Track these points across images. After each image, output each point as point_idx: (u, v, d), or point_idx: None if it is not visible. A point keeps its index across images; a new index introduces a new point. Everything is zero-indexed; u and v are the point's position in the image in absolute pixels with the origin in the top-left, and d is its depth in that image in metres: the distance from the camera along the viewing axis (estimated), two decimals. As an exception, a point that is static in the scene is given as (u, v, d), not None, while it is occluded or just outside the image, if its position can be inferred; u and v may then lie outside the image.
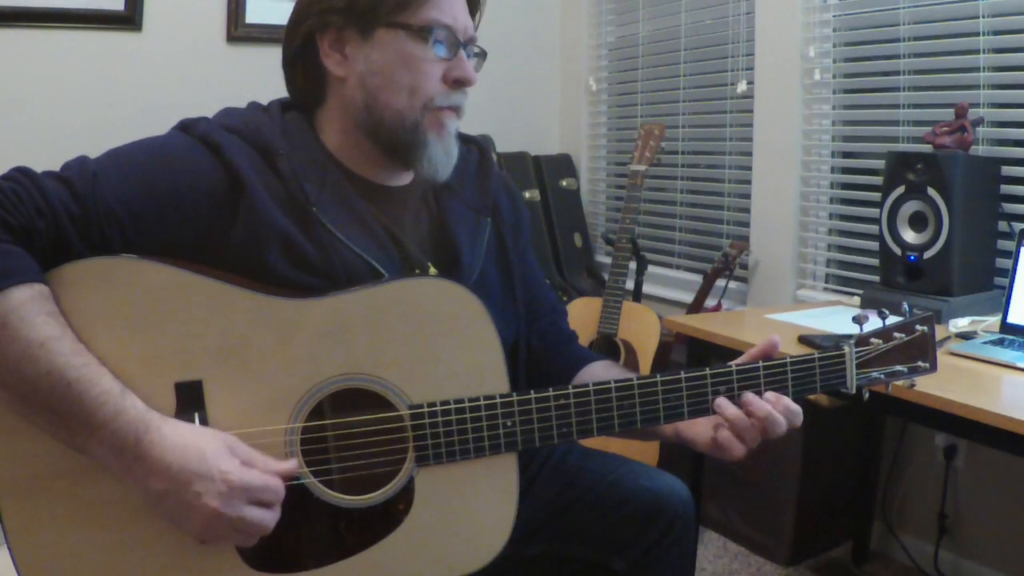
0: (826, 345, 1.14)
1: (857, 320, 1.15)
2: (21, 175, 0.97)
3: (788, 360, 1.12)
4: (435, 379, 1.04)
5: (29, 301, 0.91)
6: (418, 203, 1.21)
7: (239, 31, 2.82)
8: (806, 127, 2.54)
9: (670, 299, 2.97)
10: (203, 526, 0.94)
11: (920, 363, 1.15)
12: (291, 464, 0.99)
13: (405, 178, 1.20)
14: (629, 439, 1.21)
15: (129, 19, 2.66)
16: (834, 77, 2.48)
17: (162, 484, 0.93)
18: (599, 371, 1.28)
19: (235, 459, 0.95)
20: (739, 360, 1.13)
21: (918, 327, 1.15)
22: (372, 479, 1.04)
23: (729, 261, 2.59)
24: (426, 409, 1.03)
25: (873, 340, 1.14)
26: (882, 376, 1.15)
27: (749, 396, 1.08)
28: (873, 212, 2.20)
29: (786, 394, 1.11)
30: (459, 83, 1.13)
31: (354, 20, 1.09)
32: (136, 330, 0.97)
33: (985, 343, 1.72)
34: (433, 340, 1.04)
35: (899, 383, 1.17)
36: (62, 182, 0.98)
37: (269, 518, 0.96)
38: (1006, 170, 2.06)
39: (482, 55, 1.18)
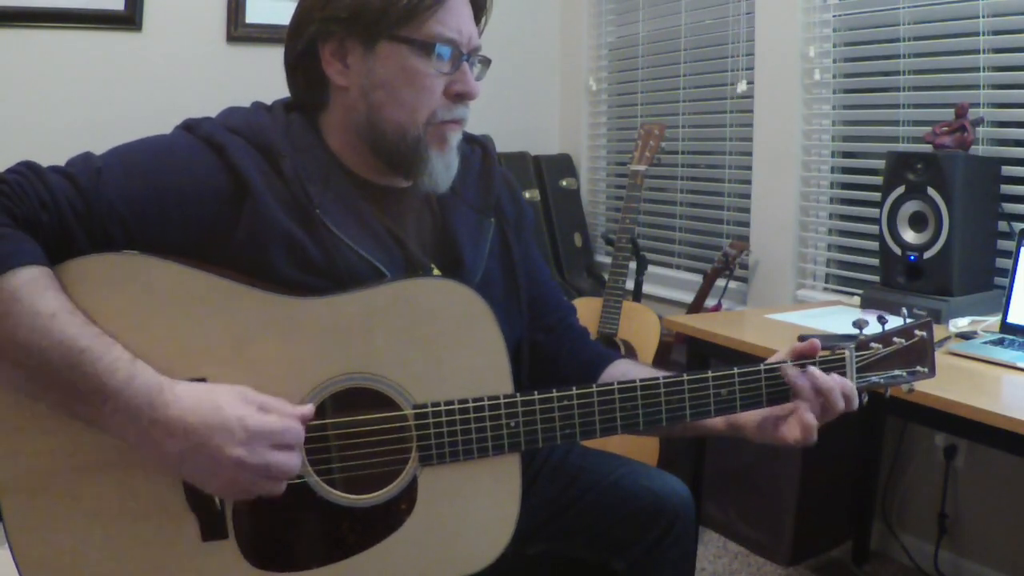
0: (826, 346, 1.14)
1: (857, 324, 1.15)
2: (27, 169, 0.98)
3: (789, 364, 1.12)
4: (439, 379, 1.04)
5: (39, 278, 0.92)
6: (420, 204, 1.20)
7: (239, 31, 2.83)
8: (806, 127, 2.54)
9: (670, 299, 2.97)
10: (229, 478, 0.94)
11: (919, 368, 1.16)
12: (308, 408, 0.99)
13: (407, 180, 1.19)
14: (666, 436, 1.22)
15: (129, 19, 2.66)
16: (834, 77, 2.48)
17: (182, 443, 0.93)
18: (624, 369, 1.28)
19: (251, 406, 0.95)
20: (773, 358, 1.15)
21: (917, 332, 1.16)
22: (375, 478, 1.04)
23: (729, 261, 2.60)
24: (430, 409, 1.04)
25: (873, 344, 1.14)
26: (881, 380, 1.15)
27: (812, 370, 1.11)
28: (873, 212, 2.20)
29: (785, 396, 1.12)
30: (461, 97, 1.12)
31: (357, 31, 1.08)
32: (140, 327, 0.97)
33: (985, 343, 1.72)
34: (437, 340, 1.04)
35: (898, 387, 1.17)
36: (67, 177, 0.98)
37: (295, 460, 0.97)
38: (1006, 170, 2.07)
39: (486, 62, 1.17)
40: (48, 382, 0.92)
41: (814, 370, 1.11)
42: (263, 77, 1.44)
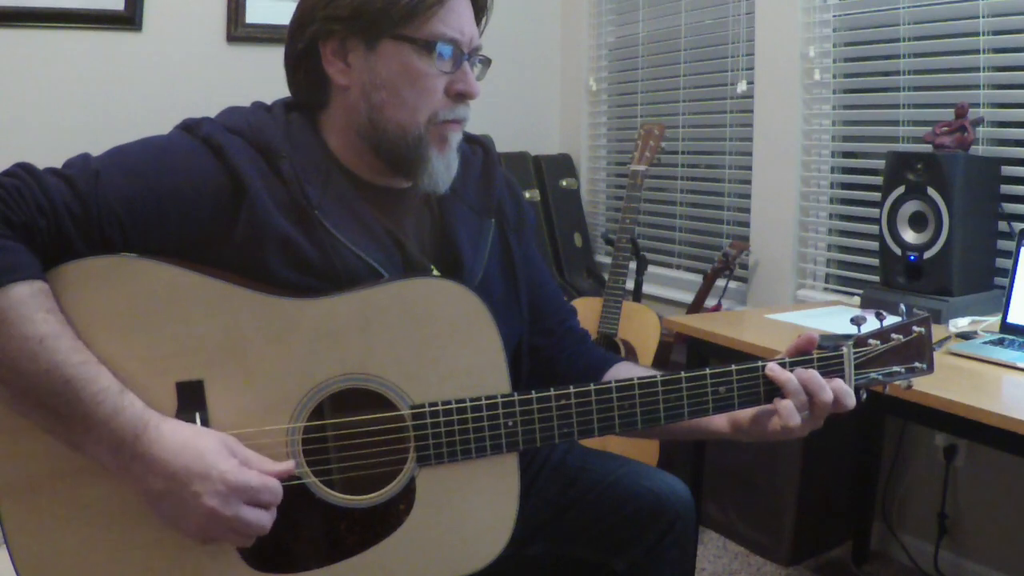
0: (826, 345, 1.14)
1: (855, 321, 1.15)
2: (23, 171, 0.97)
3: (787, 361, 1.12)
4: (436, 379, 1.04)
5: (29, 298, 0.92)
6: (420, 206, 1.20)
7: (239, 31, 2.83)
8: (806, 127, 2.54)
9: (670, 299, 2.97)
10: (200, 526, 0.94)
11: (917, 364, 1.16)
12: (288, 465, 0.99)
13: (407, 180, 1.19)
14: (670, 438, 1.23)
15: (129, 19, 2.66)
16: (834, 77, 2.48)
17: (160, 483, 0.93)
18: (624, 372, 1.28)
19: (233, 459, 0.95)
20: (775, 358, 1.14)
21: (915, 328, 1.15)
22: (373, 479, 1.04)
23: (729, 261, 2.59)
24: (427, 409, 1.04)
25: (871, 341, 1.14)
26: (880, 377, 1.15)
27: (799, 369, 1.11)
28: (873, 212, 2.20)
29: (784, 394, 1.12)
30: (462, 96, 1.12)
31: (358, 30, 1.08)
32: (137, 330, 0.97)
33: (985, 343, 1.72)
34: (434, 340, 1.04)
35: (896, 384, 1.17)
36: (64, 180, 0.98)
37: (266, 519, 0.96)
38: (1006, 170, 2.06)
39: (486, 62, 1.17)
40: (34, 405, 0.92)
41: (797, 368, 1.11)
42: (263, 77, 1.44)
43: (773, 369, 1.11)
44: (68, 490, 0.97)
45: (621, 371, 1.29)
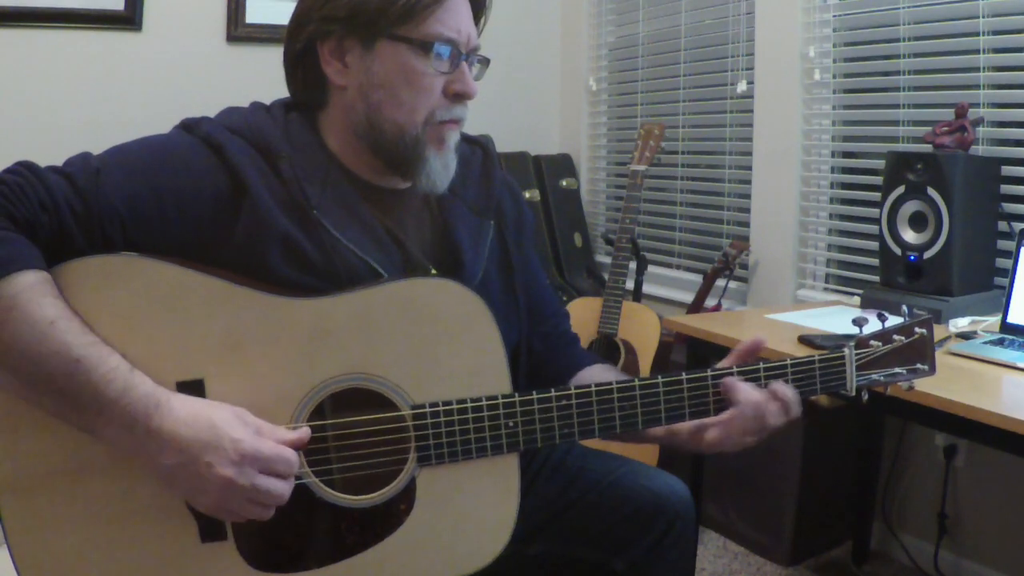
0: (826, 345, 1.14)
1: (857, 322, 1.15)
2: (25, 169, 0.98)
3: (789, 362, 1.13)
4: (437, 379, 1.04)
5: (37, 284, 0.92)
6: (420, 205, 1.20)
7: (239, 31, 2.83)
8: (806, 127, 2.54)
9: (670, 299, 2.97)
10: (217, 498, 0.94)
11: (919, 365, 1.16)
12: (303, 433, 0.99)
13: (406, 181, 1.19)
14: (630, 442, 1.22)
15: (129, 19, 2.66)
16: (834, 77, 2.48)
17: (174, 458, 0.93)
18: (597, 374, 1.29)
19: (246, 428, 0.95)
20: (722, 363, 1.14)
21: (917, 329, 1.16)
22: (374, 479, 1.04)
23: (729, 261, 2.60)
24: (428, 409, 1.04)
25: (873, 342, 1.14)
26: (881, 378, 1.15)
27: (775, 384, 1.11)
28: (873, 212, 2.20)
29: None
30: (460, 96, 1.12)
31: (356, 30, 1.08)
32: (138, 328, 0.97)
33: (985, 343, 1.72)
34: (435, 340, 1.04)
35: (898, 384, 1.17)
36: (65, 178, 0.98)
37: (283, 488, 0.96)
38: (1006, 170, 2.07)
39: (484, 62, 1.17)
40: (45, 389, 0.92)
41: (739, 383, 1.10)
42: (263, 77, 1.44)
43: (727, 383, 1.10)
44: (68, 489, 0.97)
45: (592, 374, 1.29)
